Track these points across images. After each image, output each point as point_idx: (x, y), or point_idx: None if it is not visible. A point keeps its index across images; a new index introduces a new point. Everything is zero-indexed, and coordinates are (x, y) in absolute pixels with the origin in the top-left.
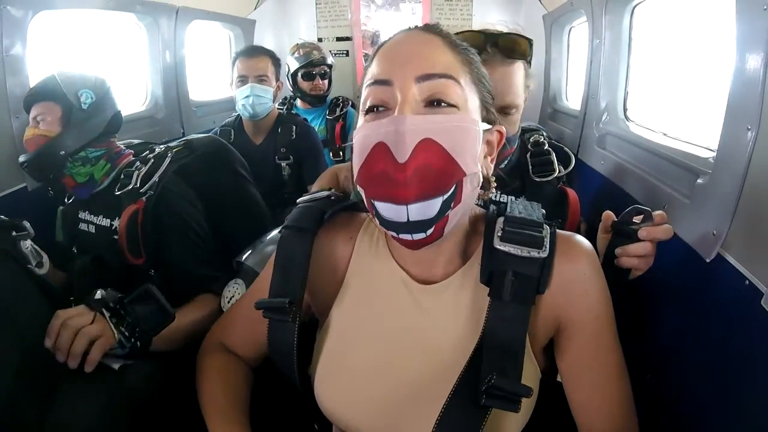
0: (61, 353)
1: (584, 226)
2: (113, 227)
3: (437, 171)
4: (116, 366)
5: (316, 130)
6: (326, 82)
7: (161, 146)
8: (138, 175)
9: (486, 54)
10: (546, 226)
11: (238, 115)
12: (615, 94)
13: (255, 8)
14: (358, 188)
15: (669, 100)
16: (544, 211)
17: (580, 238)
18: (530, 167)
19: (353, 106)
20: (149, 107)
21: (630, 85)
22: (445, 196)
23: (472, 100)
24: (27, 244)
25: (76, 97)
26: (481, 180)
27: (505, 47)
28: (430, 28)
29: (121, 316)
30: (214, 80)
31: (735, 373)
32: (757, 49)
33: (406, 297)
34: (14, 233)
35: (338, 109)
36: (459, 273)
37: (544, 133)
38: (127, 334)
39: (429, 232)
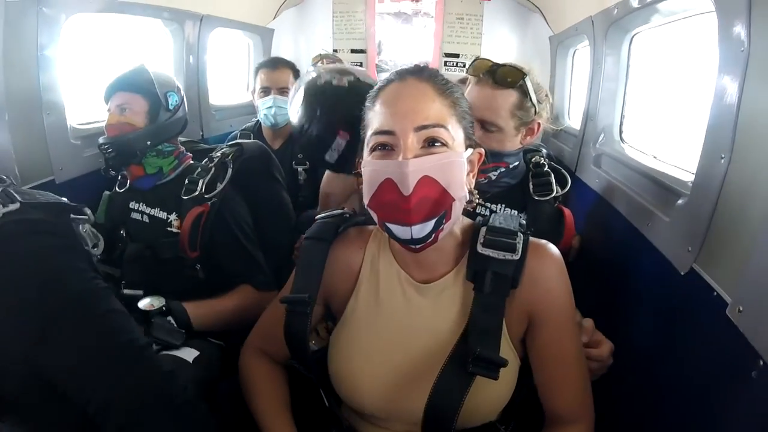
0: None
1: (577, 239)
2: (169, 220)
3: (433, 200)
4: (190, 359)
5: None
6: None
7: (217, 153)
8: (203, 183)
9: (483, 77)
10: (520, 234)
11: (258, 120)
12: (612, 116)
13: (274, 18)
14: (369, 210)
15: (661, 124)
16: (523, 221)
17: (550, 246)
18: (531, 187)
19: None
20: None
21: (626, 109)
22: (438, 216)
23: (457, 136)
24: (86, 227)
25: (165, 97)
26: (468, 196)
27: (500, 76)
28: (422, 75)
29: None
30: (233, 86)
31: (703, 371)
32: (734, 85)
33: (409, 294)
34: (72, 215)
35: None
36: (451, 274)
37: (544, 153)
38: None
39: (427, 241)
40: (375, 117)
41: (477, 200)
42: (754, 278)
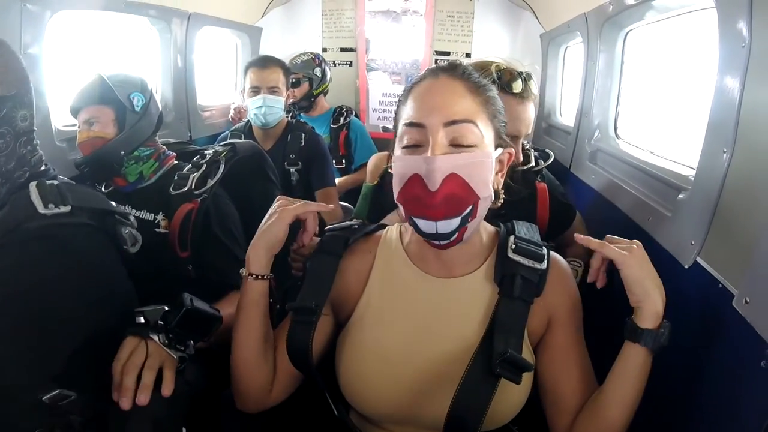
0: (128, 399)
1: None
2: (156, 221)
3: (459, 197)
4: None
5: None
6: (298, 91)
7: (209, 151)
8: (193, 179)
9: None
10: (544, 247)
11: (248, 120)
12: (607, 113)
13: (262, 16)
14: (398, 204)
15: (657, 121)
16: (538, 235)
17: (564, 261)
18: None
19: (356, 116)
20: None
21: (621, 105)
22: (464, 214)
23: (487, 135)
24: (126, 230)
25: (129, 100)
26: (493, 195)
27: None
28: (455, 73)
29: (168, 335)
30: (220, 86)
31: (712, 363)
32: (735, 81)
33: (428, 290)
34: (117, 217)
35: (342, 119)
36: (475, 274)
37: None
38: (183, 348)
39: (452, 238)
40: (406, 110)
41: (503, 199)
42: (760, 269)
